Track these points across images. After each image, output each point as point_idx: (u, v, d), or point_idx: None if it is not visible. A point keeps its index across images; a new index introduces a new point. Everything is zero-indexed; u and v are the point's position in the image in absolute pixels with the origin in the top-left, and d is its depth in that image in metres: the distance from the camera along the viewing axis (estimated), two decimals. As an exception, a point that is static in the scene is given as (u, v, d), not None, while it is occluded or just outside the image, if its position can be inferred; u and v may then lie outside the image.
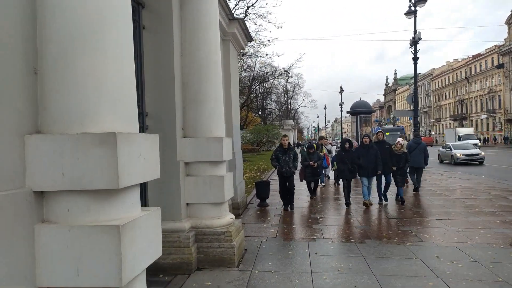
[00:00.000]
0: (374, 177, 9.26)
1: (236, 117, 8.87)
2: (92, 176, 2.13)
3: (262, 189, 9.69)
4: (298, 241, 6.14)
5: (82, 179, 2.14)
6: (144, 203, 4.44)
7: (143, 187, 4.49)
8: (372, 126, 31.20)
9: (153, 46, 4.74)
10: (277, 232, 6.77)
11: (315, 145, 11.37)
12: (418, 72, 22.31)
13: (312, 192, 10.71)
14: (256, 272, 4.67)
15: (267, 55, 32.66)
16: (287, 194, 8.96)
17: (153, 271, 4.63)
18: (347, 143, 9.49)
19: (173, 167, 4.78)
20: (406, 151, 10.01)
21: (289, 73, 39.07)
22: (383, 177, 9.51)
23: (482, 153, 23.44)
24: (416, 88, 21.23)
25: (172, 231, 4.71)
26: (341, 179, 10.10)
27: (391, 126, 37.99)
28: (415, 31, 21.01)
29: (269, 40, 31.18)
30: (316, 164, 10.12)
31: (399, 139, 10.13)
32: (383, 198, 9.48)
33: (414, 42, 21.01)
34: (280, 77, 43.84)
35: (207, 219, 4.94)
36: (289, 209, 8.80)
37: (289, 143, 8.89)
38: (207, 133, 5.02)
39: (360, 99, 27.85)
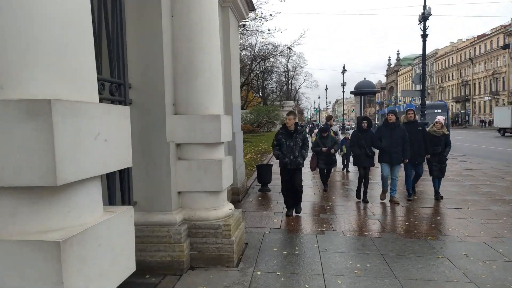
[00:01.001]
0: (399, 167, 7.29)
1: (236, 95, 8.07)
2: (18, 166, 1.40)
3: (264, 173, 8.99)
4: (305, 234, 5.46)
5: (2, 171, 1.40)
6: (127, 194, 3.73)
7: (125, 173, 3.76)
8: (375, 107, 30.34)
9: (137, 1, 3.93)
10: (281, 222, 6.09)
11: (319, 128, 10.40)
12: (420, 53, 21.31)
13: (325, 182, 9.02)
14: (259, 273, 4.00)
15: (269, 30, 31.30)
16: (292, 194, 6.51)
17: (139, 270, 3.96)
18: (365, 121, 7.53)
19: (162, 149, 4.04)
20: (447, 133, 7.76)
21: (292, 49, 37.85)
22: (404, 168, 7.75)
23: None
24: (424, 67, 20.26)
25: (161, 224, 4.02)
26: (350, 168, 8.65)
27: (429, 102, 31.67)
28: (424, 6, 19.95)
29: (271, 15, 29.68)
30: (333, 150, 8.64)
31: (440, 117, 7.85)
32: (411, 193, 7.73)
33: (424, 18, 19.97)
34: (282, 53, 42.52)
35: (202, 211, 4.24)
36: (293, 214, 6.49)
37: (296, 124, 6.48)
38: (201, 110, 4.27)
39: (365, 78, 26.92)
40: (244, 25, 10.02)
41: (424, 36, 19.89)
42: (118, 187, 3.51)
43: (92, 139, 1.59)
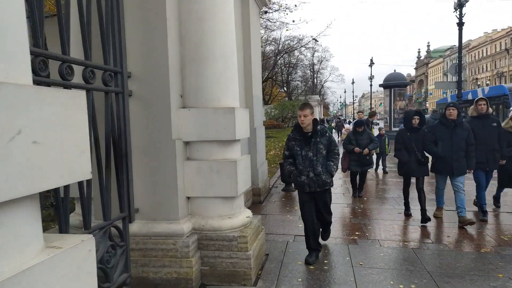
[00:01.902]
0: (463, 178, 5.44)
1: (257, 87, 7.42)
2: None
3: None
4: (335, 243, 4.78)
5: None
6: (126, 200, 3.18)
7: (124, 176, 3.20)
8: (406, 101, 28.89)
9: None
10: (307, 228, 5.43)
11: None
12: (452, 44, 20.03)
13: (358, 188, 7.57)
14: (281, 295, 3.37)
15: (293, 21, 30.44)
16: (315, 223, 4.29)
17: (142, 288, 3.43)
18: (416, 117, 5.67)
19: (167, 147, 3.46)
20: None
21: (317, 41, 36.78)
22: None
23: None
24: (461, 57, 18.97)
25: (166, 235, 3.45)
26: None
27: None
28: (460, -7, 18.65)
29: (296, 5, 28.70)
30: (368, 151, 7.22)
31: None
32: (485, 210, 5.76)
33: (460, 4, 18.71)
34: (307, 45, 41.50)
35: (215, 219, 3.64)
36: (312, 260, 4.12)
37: (315, 122, 4.22)
38: (213, 102, 3.66)
39: (395, 71, 25.69)
40: (266, 12, 9.32)
41: (460, 24, 18.63)
42: (117, 192, 2.98)
43: (6, 141, 1.00)
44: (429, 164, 5.70)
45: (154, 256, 3.46)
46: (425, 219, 5.47)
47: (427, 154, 5.71)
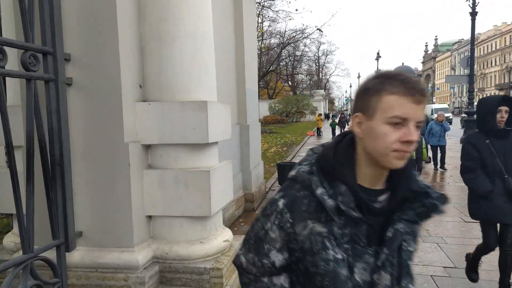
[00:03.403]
0: None
1: (251, 79, 6.58)
2: None
3: (286, 174, 7.52)
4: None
5: None
6: (62, 222, 2.40)
7: (58, 190, 2.40)
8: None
9: None
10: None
11: None
12: (460, 37, 19.04)
13: None
14: None
15: (296, 10, 29.50)
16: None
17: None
18: (504, 108, 3.09)
19: (119, 153, 2.65)
20: None
21: (322, 31, 35.83)
22: None
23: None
24: (473, 48, 17.97)
25: (116, 267, 2.65)
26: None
27: None
28: (474, -20, 17.61)
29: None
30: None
31: None
32: None
33: (473, -7, 17.67)
34: (311, 37, 40.57)
35: (181, 245, 2.83)
36: None
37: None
38: (181, 95, 2.84)
39: (403, 63, 24.70)
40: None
41: (473, 14, 17.60)
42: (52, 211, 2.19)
43: None
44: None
45: (98, 295, 2.67)
46: None
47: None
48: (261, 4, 27.35)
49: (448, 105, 65.94)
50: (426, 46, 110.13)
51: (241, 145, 6.05)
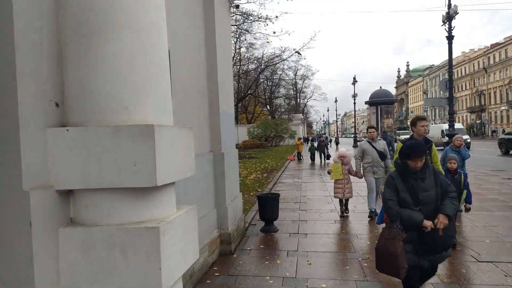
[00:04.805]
0: None
1: (226, 99, 5.73)
2: None
3: (268, 207, 6.59)
4: None
5: None
6: None
7: None
8: (389, 118, 27.62)
9: None
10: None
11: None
12: (431, 64, 19.09)
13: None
14: None
15: (274, 32, 29.28)
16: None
17: None
18: None
19: (13, 206, 1.71)
20: None
21: (300, 54, 35.79)
22: None
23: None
24: (451, 71, 17.94)
25: None
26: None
27: None
28: (449, 5, 17.75)
29: (277, 17, 27.43)
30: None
31: None
32: None
33: (449, 17, 17.81)
34: (290, 59, 40.66)
35: None
36: None
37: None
38: (117, 115, 1.93)
39: (381, 87, 24.60)
40: (237, 6, 7.76)
41: (450, 38, 17.75)
42: None
43: None
44: None
45: None
46: None
47: None
48: (239, 27, 27.01)
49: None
50: (399, 71, 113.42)
51: (215, 177, 5.12)
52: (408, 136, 6.57)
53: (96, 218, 1.92)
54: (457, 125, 36.65)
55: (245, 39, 32.70)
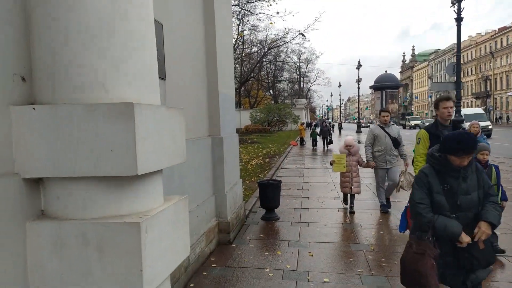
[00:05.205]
0: None
1: (226, 81, 5.42)
2: None
3: (269, 194, 6.36)
4: None
5: None
6: None
7: None
8: (394, 104, 27.11)
9: None
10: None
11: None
12: (437, 48, 18.57)
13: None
14: None
15: (278, 13, 28.60)
16: None
17: None
18: None
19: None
20: None
21: (305, 36, 35.14)
22: None
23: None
24: (459, 55, 17.41)
25: None
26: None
27: None
28: (459, -15, 17.11)
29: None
30: None
31: None
32: None
33: (458, -2, 17.18)
34: (294, 41, 40.07)
35: None
36: None
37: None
38: (91, 92, 1.66)
39: (386, 71, 24.11)
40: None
41: (459, 20, 17.11)
42: None
43: None
44: None
45: None
46: None
47: None
48: (242, 8, 26.36)
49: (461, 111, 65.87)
50: (404, 56, 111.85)
51: (213, 163, 4.86)
52: (418, 122, 6.17)
53: (69, 211, 1.67)
54: (476, 110, 33.26)
55: (248, 21, 31.97)
